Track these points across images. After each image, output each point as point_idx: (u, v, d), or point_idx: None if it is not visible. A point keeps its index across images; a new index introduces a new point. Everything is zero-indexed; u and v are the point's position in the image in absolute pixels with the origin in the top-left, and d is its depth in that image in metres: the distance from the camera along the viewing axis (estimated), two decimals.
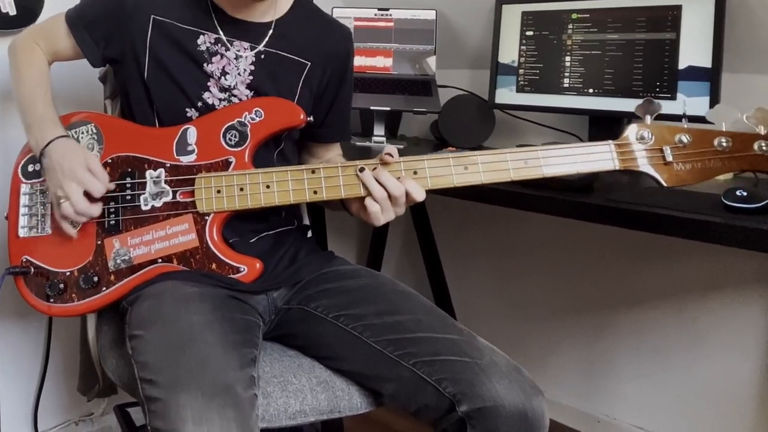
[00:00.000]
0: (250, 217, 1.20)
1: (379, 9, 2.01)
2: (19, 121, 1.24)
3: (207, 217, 1.14)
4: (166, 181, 1.17)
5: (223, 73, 1.21)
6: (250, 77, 1.22)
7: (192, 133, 1.18)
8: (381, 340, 1.07)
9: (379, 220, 1.08)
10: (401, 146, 1.83)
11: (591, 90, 1.62)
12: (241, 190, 1.13)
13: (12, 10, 1.50)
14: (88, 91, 1.48)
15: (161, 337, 0.99)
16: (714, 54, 1.44)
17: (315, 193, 1.10)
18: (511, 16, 1.76)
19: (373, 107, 1.88)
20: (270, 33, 1.24)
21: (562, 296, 1.96)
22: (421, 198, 1.06)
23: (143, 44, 1.20)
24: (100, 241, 1.17)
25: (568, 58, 1.66)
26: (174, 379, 0.92)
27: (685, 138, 1.04)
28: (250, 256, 1.15)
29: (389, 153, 1.07)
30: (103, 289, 1.15)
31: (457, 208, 2.16)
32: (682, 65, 1.48)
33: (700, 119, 1.09)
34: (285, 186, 1.11)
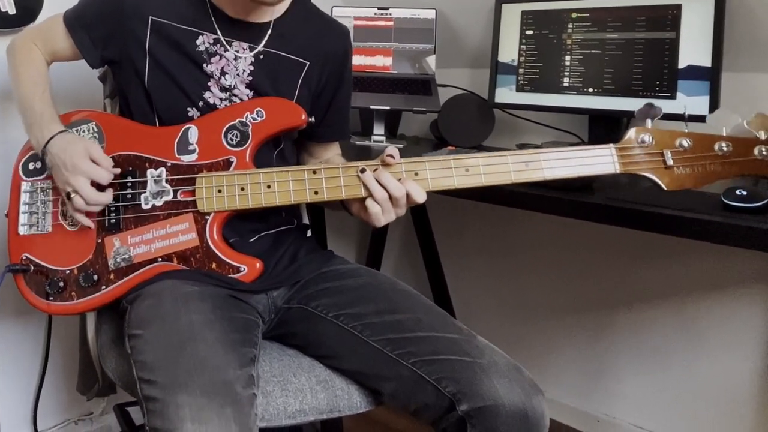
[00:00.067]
0: (250, 217, 1.20)
1: (379, 8, 2.01)
2: (19, 121, 1.24)
3: (207, 217, 1.14)
4: (167, 180, 1.17)
5: (223, 73, 1.21)
6: (249, 77, 1.22)
7: (193, 133, 1.18)
8: (380, 339, 1.07)
9: (380, 221, 1.08)
10: (401, 145, 1.83)
11: (591, 89, 1.62)
12: (242, 189, 1.13)
13: (11, 10, 1.50)
14: (87, 91, 1.48)
15: (160, 336, 0.99)
16: (714, 53, 1.44)
17: (316, 193, 1.10)
18: (511, 15, 1.75)
19: (372, 106, 1.88)
20: (269, 33, 1.24)
21: (562, 295, 1.96)
22: (421, 199, 1.06)
23: (142, 45, 1.20)
24: (100, 240, 1.17)
25: (568, 58, 1.66)
26: (173, 378, 0.92)
27: (685, 142, 1.04)
28: (250, 256, 1.15)
29: (390, 154, 1.07)
30: (103, 287, 1.15)
31: (456, 207, 2.16)
32: (681, 64, 1.48)
33: (700, 118, 1.09)
34: (286, 186, 1.11)
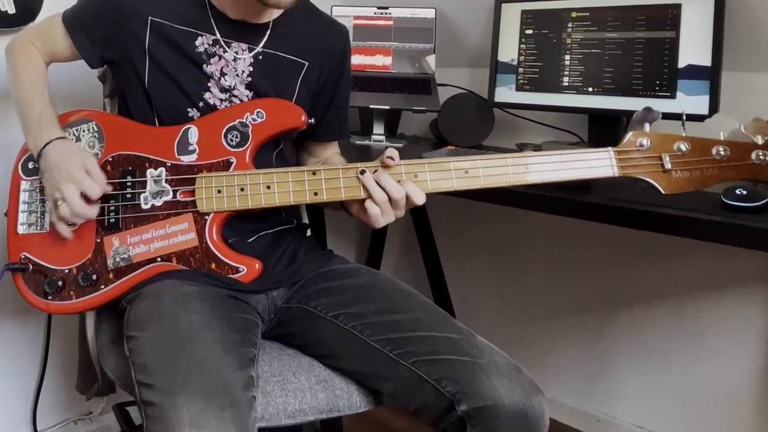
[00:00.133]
0: (250, 217, 1.19)
1: (379, 7, 2.01)
2: (19, 120, 1.24)
3: (207, 217, 1.14)
4: (166, 180, 1.17)
5: (222, 74, 1.21)
6: (249, 78, 1.22)
7: (193, 133, 1.18)
8: (380, 339, 1.07)
9: (379, 222, 1.08)
10: (400, 145, 1.84)
11: (590, 89, 1.62)
12: (242, 190, 1.13)
13: (11, 9, 1.50)
14: (87, 90, 1.47)
15: (159, 338, 0.99)
16: (714, 52, 1.43)
17: (315, 194, 1.10)
18: (511, 15, 1.75)
19: (372, 106, 1.88)
20: (268, 34, 1.24)
21: (562, 295, 1.96)
22: (421, 201, 1.07)
23: (142, 46, 1.20)
24: (99, 239, 1.17)
25: (568, 57, 1.65)
26: (171, 380, 0.91)
27: (683, 146, 1.04)
28: (249, 256, 1.15)
29: (390, 156, 1.07)
30: (102, 287, 1.15)
31: (456, 207, 2.16)
32: (681, 64, 1.48)
33: (700, 118, 1.09)
34: (285, 187, 1.11)
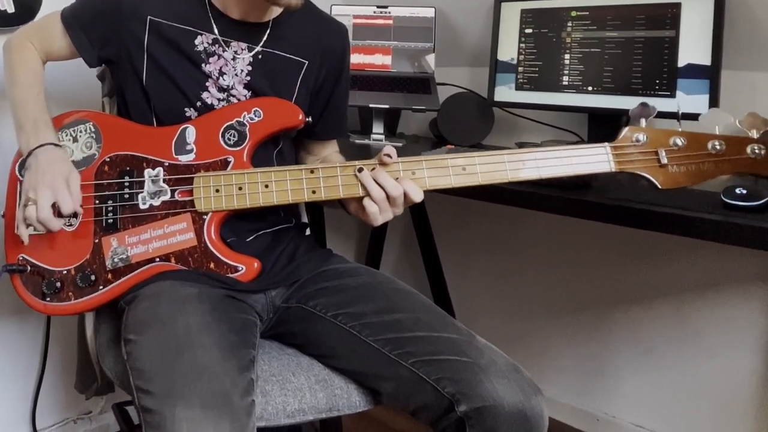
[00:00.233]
0: (248, 216, 1.19)
1: (378, 6, 2.00)
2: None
3: (205, 217, 1.14)
4: (164, 180, 1.16)
5: (221, 73, 1.21)
6: (248, 78, 1.21)
7: (191, 133, 1.18)
8: (380, 339, 1.07)
9: (377, 220, 1.07)
10: (400, 144, 1.83)
11: (590, 88, 1.61)
12: (240, 189, 1.12)
13: (10, 8, 1.50)
14: (86, 89, 1.47)
15: (157, 342, 0.98)
16: (713, 52, 1.43)
17: (313, 192, 1.10)
18: (511, 14, 1.75)
19: (371, 105, 1.88)
20: (267, 33, 1.23)
21: (561, 295, 1.96)
22: (419, 199, 1.06)
23: (140, 45, 1.19)
24: (97, 240, 1.17)
25: (568, 56, 1.65)
26: (169, 387, 0.91)
27: (679, 141, 1.05)
28: (248, 256, 1.15)
29: (388, 154, 1.07)
30: (101, 287, 1.15)
31: (456, 205, 2.15)
32: (681, 63, 1.48)
33: (697, 117, 1.09)
34: (283, 186, 1.11)
